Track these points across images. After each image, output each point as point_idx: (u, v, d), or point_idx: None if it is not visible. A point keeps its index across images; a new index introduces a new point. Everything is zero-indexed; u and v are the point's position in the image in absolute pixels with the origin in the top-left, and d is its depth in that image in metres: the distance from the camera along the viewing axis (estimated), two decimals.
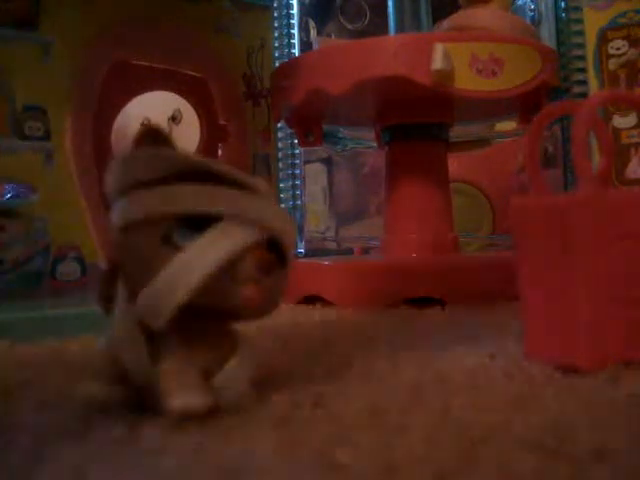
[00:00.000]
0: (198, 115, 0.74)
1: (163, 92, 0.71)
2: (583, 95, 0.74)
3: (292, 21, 0.87)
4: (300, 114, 0.67)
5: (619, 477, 0.18)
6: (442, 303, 0.56)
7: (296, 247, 0.86)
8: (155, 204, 0.24)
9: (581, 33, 0.74)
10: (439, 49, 0.55)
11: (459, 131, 0.77)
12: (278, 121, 0.74)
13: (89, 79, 0.64)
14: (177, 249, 0.23)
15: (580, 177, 0.31)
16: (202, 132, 0.74)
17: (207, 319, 0.25)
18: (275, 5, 0.86)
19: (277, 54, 0.86)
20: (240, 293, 0.24)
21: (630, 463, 0.18)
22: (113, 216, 0.25)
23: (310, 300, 0.62)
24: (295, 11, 0.88)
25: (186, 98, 0.73)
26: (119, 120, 0.67)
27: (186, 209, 0.24)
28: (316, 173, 0.95)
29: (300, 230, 0.88)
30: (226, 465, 0.20)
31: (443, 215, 0.66)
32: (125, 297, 0.25)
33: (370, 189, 0.97)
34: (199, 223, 0.24)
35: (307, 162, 0.92)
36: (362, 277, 0.60)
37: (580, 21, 0.74)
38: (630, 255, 0.30)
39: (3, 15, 0.58)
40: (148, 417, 0.24)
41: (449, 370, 0.31)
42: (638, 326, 0.31)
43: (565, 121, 0.76)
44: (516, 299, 0.33)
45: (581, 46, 0.74)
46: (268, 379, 0.30)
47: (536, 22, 0.79)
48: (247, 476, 0.19)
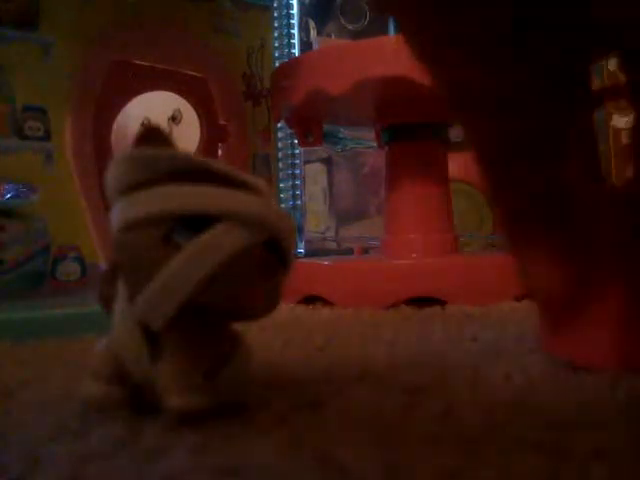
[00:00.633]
0: (198, 115, 0.74)
1: (163, 92, 0.71)
2: None
3: (292, 21, 0.87)
4: (300, 114, 0.67)
5: (619, 477, 0.18)
6: (442, 303, 0.56)
7: (296, 247, 0.86)
8: (155, 204, 0.24)
9: None
10: None
11: (459, 131, 0.77)
12: (278, 121, 0.74)
13: (89, 79, 0.64)
14: (177, 249, 0.23)
15: None
16: (202, 132, 0.74)
17: (207, 319, 0.25)
18: (275, 5, 0.86)
19: (277, 54, 0.86)
20: (240, 293, 0.24)
21: (630, 463, 0.18)
22: (113, 216, 0.25)
23: (310, 300, 0.62)
24: (295, 11, 0.88)
25: (186, 98, 0.73)
26: (119, 120, 0.67)
27: (186, 209, 0.24)
28: (316, 173, 0.95)
29: (300, 230, 0.88)
30: (226, 465, 0.20)
31: (443, 215, 0.66)
32: (125, 297, 0.25)
33: (370, 189, 0.97)
34: (199, 223, 0.24)
35: (307, 162, 0.92)
36: (362, 277, 0.60)
37: None
38: None
39: (3, 15, 0.58)
40: (148, 417, 0.24)
41: (449, 370, 0.31)
42: None
43: None
44: (516, 299, 0.33)
45: None
46: (268, 379, 0.30)
47: None
48: (247, 476, 0.19)
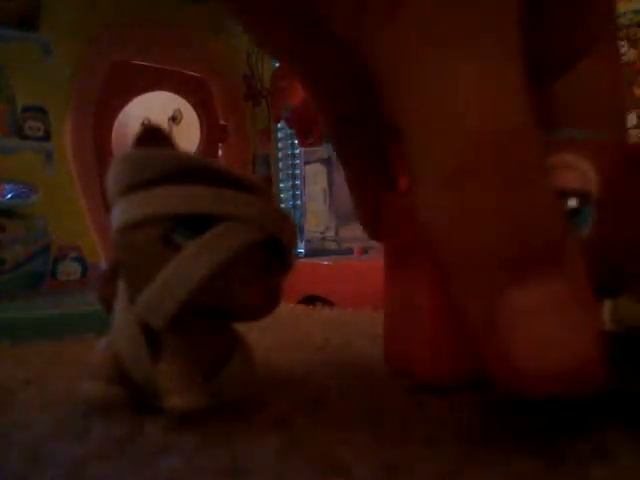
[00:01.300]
0: (198, 115, 0.74)
1: (163, 92, 0.71)
2: None
3: None
4: (300, 114, 0.67)
5: (619, 477, 0.18)
6: None
7: (296, 247, 0.86)
8: (155, 204, 0.24)
9: None
10: None
11: None
12: (278, 121, 0.74)
13: (89, 79, 0.64)
14: (177, 249, 0.23)
15: None
16: (202, 132, 0.74)
17: (207, 319, 0.25)
18: None
19: None
20: (240, 293, 0.24)
21: (630, 463, 0.18)
22: (114, 216, 0.25)
23: (310, 300, 0.62)
24: None
25: (186, 98, 0.73)
26: (119, 120, 0.67)
27: (186, 209, 0.24)
28: (316, 173, 0.95)
29: (300, 230, 0.88)
30: (226, 465, 0.20)
31: None
32: (125, 297, 0.25)
33: None
34: (199, 223, 0.24)
35: (307, 162, 0.92)
36: (362, 277, 0.60)
37: None
38: None
39: (3, 15, 0.58)
40: (148, 417, 0.24)
41: None
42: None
43: None
44: None
45: None
46: (268, 379, 0.30)
47: None
48: (247, 476, 0.19)
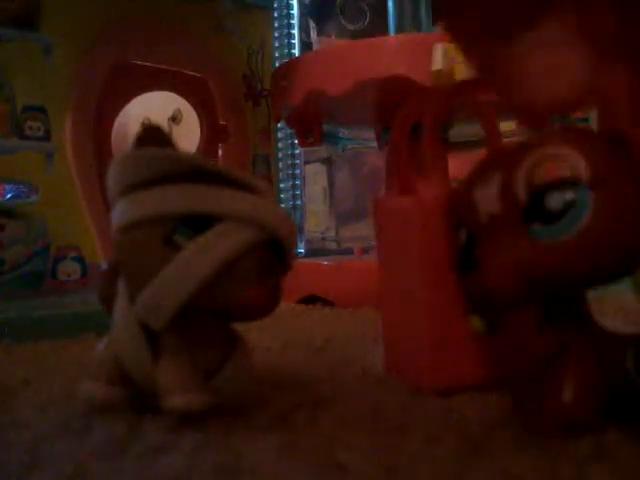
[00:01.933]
0: (198, 115, 0.74)
1: (163, 92, 0.71)
2: None
3: (292, 21, 0.87)
4: (300, 114, 0.67)
5: (619, 477, 0.18)
6: None
7: (296, 247, 0.86)
8: (155, 204, 0.24)
9: None
10: (439, 49, 0.55)
11: (459, 131, 0.77)
12: (278, 121, 0.74)
13: (89, 79, 0.64)
14: (177, 249, 0.23)
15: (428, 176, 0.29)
16: (202, 132, 0.74)
17: (207, 319, 0.25)
18: (275, 5, 0.86)
19: (277, 54, 0.86)
20: (240, 293, 0.24)
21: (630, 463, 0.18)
22: (114, 216, 0.25)
23: (310, 300, 0.62)
24: (295, 11, 0.88)
25: (186, 98, 0.73)
26: (119, 120, 0.67)
27: (186, 209, 0.24)
28: (316, 173, 0.95)
29: (300, 230, 0.88)
30: (226, 465, 0.20)
31: None
32: (126, 297, 0.25)
33: (370, 189, 0.97)
34: (199, 223, 0.24)
35: (307, 162, 0.92)
36: (362, 277, 0.60)
37: None
38: None
39: (3, 15, 0.58)
40: (148, 417, 0.24)
41: None
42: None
43: (565, 120, 0.76)
44: None
45: None
46: (268, 379, 0.30)
47: None
48: (247, 476, 0.19)
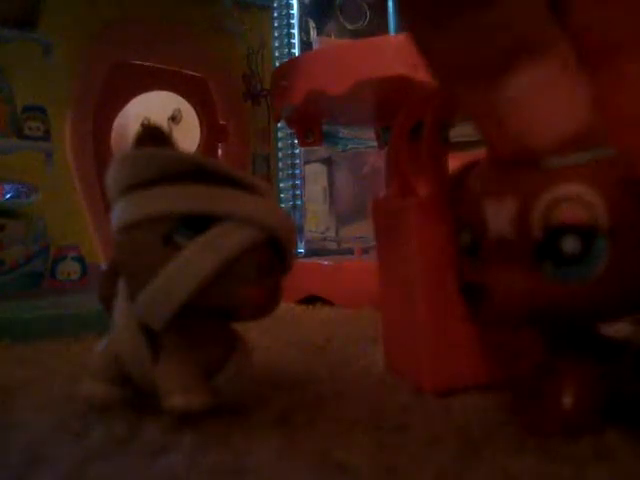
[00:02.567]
0: (198, 115, 0.74)
1: (163, 92, 0.71)
2: None
3: (292, 21, 0.87)
4: (300, 114, 0.67)
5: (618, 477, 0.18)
6: None
7: (296, 247, 0.86)
8: (155, 204, 0.24)
9: None
10: None
11: (459, 131, 0.77)
12: (278, 121, 0.74)
13: (89, 79, 0.64)
14: (177, 249, 0.23)
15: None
16: (202, 132, 0.74)
17: (207, 319, 0.25)
18: (275, 5, 0.86)
19: (277, 54, 0.86)
20: (240, 293, 0.24)
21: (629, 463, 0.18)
22: (114, 216, 0.25)
23: (310, 300, 0.62)
24: (295, 11, 0.88)
25: (186, 98, 0.73)
26: (119, 120, 0.67)
27: (186, 209, 0.24)
28: (316, 173, 0.95)
29: (300, 230, 0.88)
30: (226, 465, 0.20)
31: None
32: (125, 297, 0.25)
33: (370, 189, 0.97)
34: (199, 223, 0.24)
35: (307, 162, 0.92)
36: (362, 277, 0.60)
37: None
38: None
39: (3, 15, 0.58)
40: (148, 417, 0.24)
41: None
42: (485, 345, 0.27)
43: None
44: None
45: None
46: (268, 379, 0.30)
47: None
48: (247, 476, 0.19)
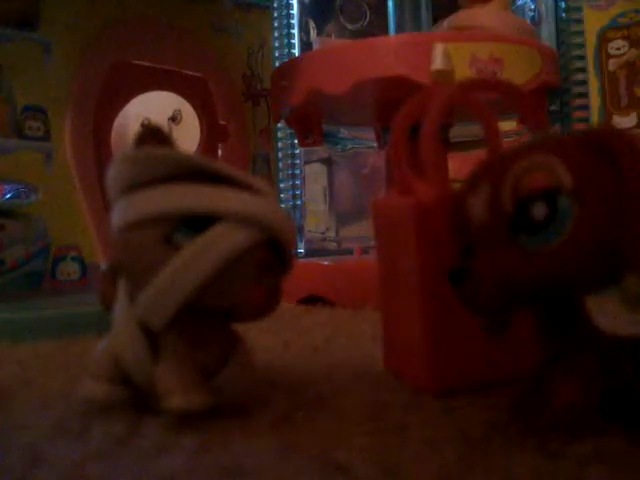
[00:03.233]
0: (198, 115, 0.74)
1: (163, 92, 0.71)
2: (583, 95, 0.74)
3: (292, 21, 0.87)
4: (300, 114, 0.67)
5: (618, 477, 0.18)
6: None
7: (296, 247, 0.86)
8: (155, 204, 0.24)
9: (581, 33, 0.74)
10: (439, 49, 0.55)
11: (459, 131, 0.77)
12: (278, 121, 0.74)
13: (89, 79, 0.64)
14: (178, 249, 0.23)
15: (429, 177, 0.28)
16: (202, 132, 0.74)
17: (207, 319, 0.25)
18: (275, 5, 0.86)
19: (277, 54, 0.86)
20: (240, 293, 0.24)
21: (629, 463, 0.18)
22: (114, 216, 0.25)
23: (310, 300, 0.62)
24: (295, 11, 0.88)
25: (186, 98, 0.73)
26: (119, 120, 0.67)
27: (186, 209, 0.24)
28: (316, 173, 0.95)
29: (300, 230, 0.88)
30: (226, 465, 0.20)
31: None
32: (126, 297, 0.25)
33: (370, 189, 0.97)
34: (199, 223, 0.24)
35: (307, 162, 0.92)
36: (362, 277, 0.60)
37: (580, 21, 0.74)
38: None
39: (3, 15, 0.58)
40: (148, 417, 0.24)
41: None
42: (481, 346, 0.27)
43: (566, 121, 0.76)
44: None
45: (581, 46, 0.74)
46: (268, 379, 0.30)
47: (536, 22, 0.79)
48: (247, 476, 0.19)
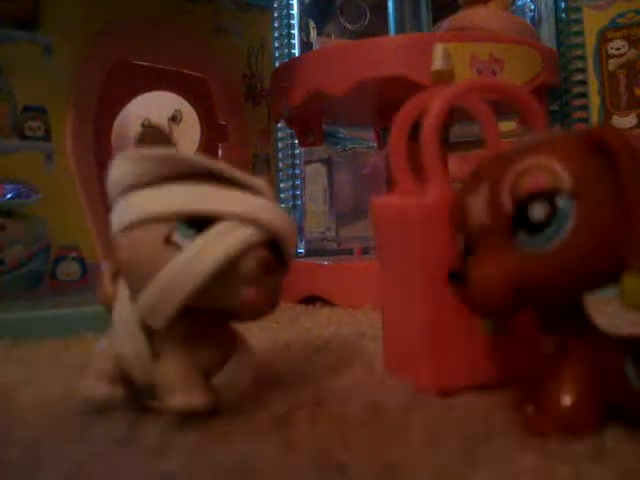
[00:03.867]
0: (198, 115, 0.74)
1: (163, 92, 0.71)
2: (583, 95, 0.74)
3: (292, 21, 0.87)
4: (300, 114, 0.67)
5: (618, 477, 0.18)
6: None
7: (296, 247, 0.86)
8: (156, 204, 0.24)
9: (581, 33, 0.74)
10: (439, 49, 0.55)
11: (459, 131, 0.77)
12: (278, 121, 0.74)
13: (89, 79, 0.64)
14: (178, 249, 0.23)
15: (430, 178, 0.28)
16: (202, 132, 0.74)
17: (207, 319, 0.25)
18: (275, 5, 0.86)
19: (277, 54, 0.86)
20: (240, 293, 0.24)
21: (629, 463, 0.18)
22: (114, 216, 0.25)
23: (310, 300, 0.62)
24: (295, 11, 0.88)
25: (186, 98, 0.73)
26: (119, 120, 0.67)
27: (187, 209, 0.24)
28: (316, 173, 0.95)
29: (300, 230, 0.88)
30: (226, 465, 0.20)
31: None
32: (126, 297, 0.25)
33: (370, 189, 0.97)
34: (200, 223, 0.24)
35: (307, 162, 0.92)
36: (362, 277, 0.60)
37: (580, 21, 0.74)
38: None
39: (3, 15, 0.58)
40: (148, 417, 0.24)
41: None
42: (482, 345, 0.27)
43: (566, 121, 0.76)
44: None
45: (581, 46, 0.74)
46: (268, 379, 0.30)
47: (536, 22, 0.79)
48: (247, 476, 0.19)
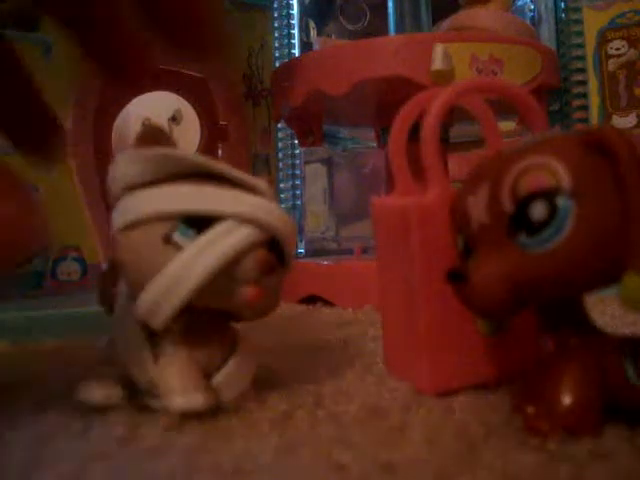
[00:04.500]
0: (198, 115, 0.74)
1: (163, 92, 0.71)
2: (583, 95, 0.74)
3: (292, 21, 0.87)
4: (300, 114, 0.67)
5: (619, 477, 0.18)
6: None
7: (296, 247, 0.86)
8: (155, 204, 0.24)
9: (581, 33, 0.74)
10: (439, 49, 0.55)
11: (459, 131, 0.77)
12: (278, 121, 0.74)
13: (89, 79, 0.64)
14: (178, 249, 0.23)
15: (430, 178, 0.27)
16: (202, 132, 0.74)
17: (207, 319, 0.25)
18: (275, 5, 0.86)
19: (277, 54, 0.86)
20: (240, 293, 0.24)
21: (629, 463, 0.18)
22: (114, 216, 0.25)
23: (310, 300, 0.62)
24: (295, 11, 0.88)
25: (186, 98, 0.73)
26: (119, 120, 0.67)
27: (187, 209, 0.24)
28: (316, 173, 0.95)
29: (300, 230, 0.88)
30: (226, 465, 0.20)
31: None
32: (126, 297, 0.25)
33: (370, 189, 0.97)
34: (200, 223, 0.24)
35: (307, 162, 0.92)
36: (362, 277, 0.60)
37: (580, 21, 0.74)
38: None
39: (3, 15, 0.58)
40: (148, 417, 0.24)
41: None
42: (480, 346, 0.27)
43: (566, 121, 0.76)
44: None
45: (581, 46, 0.74)
46: (268, 379, 0.30)
47: (536, 22, 0.79)
48: (247, 476, 0.19)
